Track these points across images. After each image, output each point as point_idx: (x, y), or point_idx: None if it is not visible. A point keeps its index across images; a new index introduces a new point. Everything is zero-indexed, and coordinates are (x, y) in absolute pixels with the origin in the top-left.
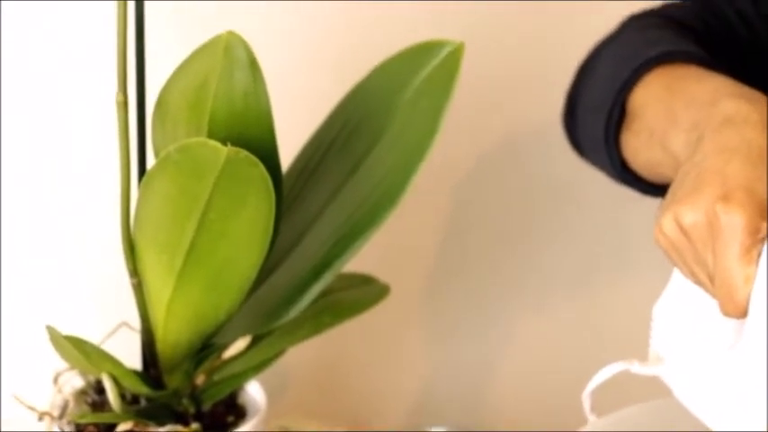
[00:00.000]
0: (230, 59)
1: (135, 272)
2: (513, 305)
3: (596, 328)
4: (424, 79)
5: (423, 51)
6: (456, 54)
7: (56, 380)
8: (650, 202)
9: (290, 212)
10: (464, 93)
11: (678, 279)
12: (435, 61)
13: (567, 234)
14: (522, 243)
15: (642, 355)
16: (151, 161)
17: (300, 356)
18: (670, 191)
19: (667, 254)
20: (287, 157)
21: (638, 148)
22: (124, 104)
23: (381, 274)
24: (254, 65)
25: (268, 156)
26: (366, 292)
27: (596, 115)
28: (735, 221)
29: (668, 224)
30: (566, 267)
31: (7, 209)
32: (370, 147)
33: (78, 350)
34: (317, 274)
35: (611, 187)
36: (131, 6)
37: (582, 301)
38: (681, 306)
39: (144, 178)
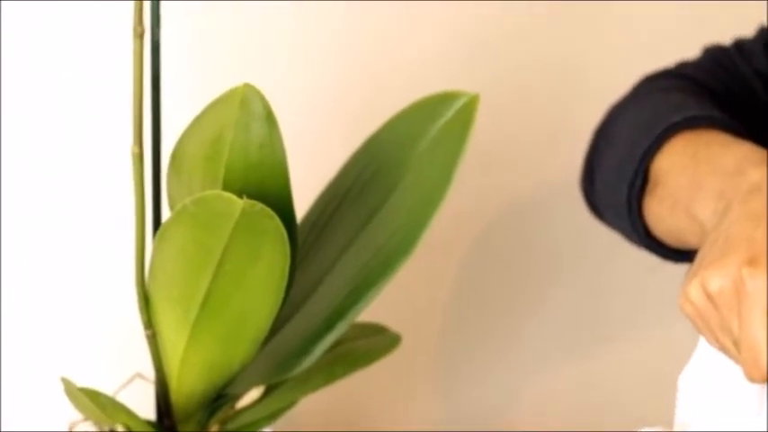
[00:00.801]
0: (247, 112)
1: (149, 323)
2: (521, 358)
3: (601, 385)
4: (438, 130)
5: (437, 102)
6: (471, 105)
7: (71, 430)
8: (669, 268)
9: (305, 262)
10: (475, 147)
11: (704, 347)
12: (450, 112)
13: (573, 290)
14: (529, 298)
15: (654, 414)
16: (166, 213)
17: (313, 406)
18: (697, 259)
19: (693, 321)
20: (301, 207)
21: (662, 215)
22: (140, 156)
23: (393, 324)
24: (270, 117)
25: (283, 207)
26: (378, 341)
27: (618, 182)
28: (761, 285)
29: (694, 291)
30: (572, 323)
31: (23, 258)
32: (385, 197)
33: (93, 402)
34: (330, 324)
35: (618, 247)
36: (147, 58)
37: (592, 356)
38: (707, 374)
39: (159, 230)
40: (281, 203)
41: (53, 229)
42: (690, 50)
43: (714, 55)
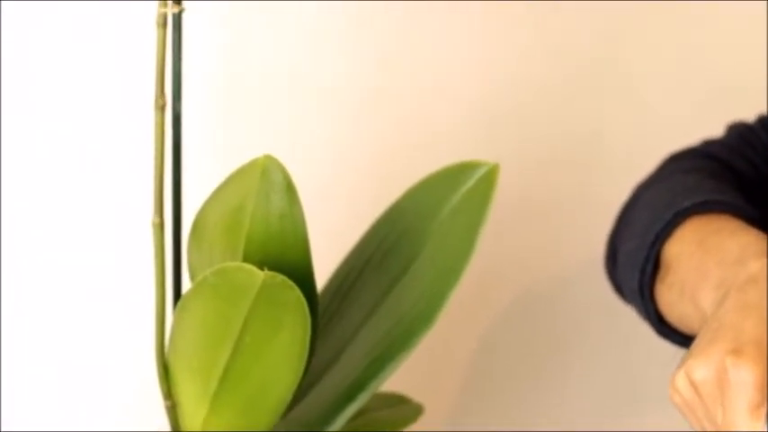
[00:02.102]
0: (267, 182)
1: (169, 394)
2: (541, 427)
3: None
4: (459, 199)
5: (458, 172)
6: (491, 175)
7: None
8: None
9: (326, 331)
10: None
11: None
12: (471, 182)
13: (600, 363)
14: (554, 369)
15: None
16: (186, 283)
17: None
18: (690, 347)
19: (681, 411)
20: (323, 275)
21: (672, 301)
22: (160, 226)
23: (413, 392)
24: (290, 188)
25: (304, 278)
26: (400, 412)
27: (632, 267)
28: (744, 376)
29: (681, 381)
30: (598, 396)
31: (45, 325)
32: (406, 266)
33: None
34: (351, 394)
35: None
36: (168, 130)
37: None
38: None
39: (180, 301)
40: (301, 274)
41: (74, 298)
42: (712, 126)
43: (739, 132)
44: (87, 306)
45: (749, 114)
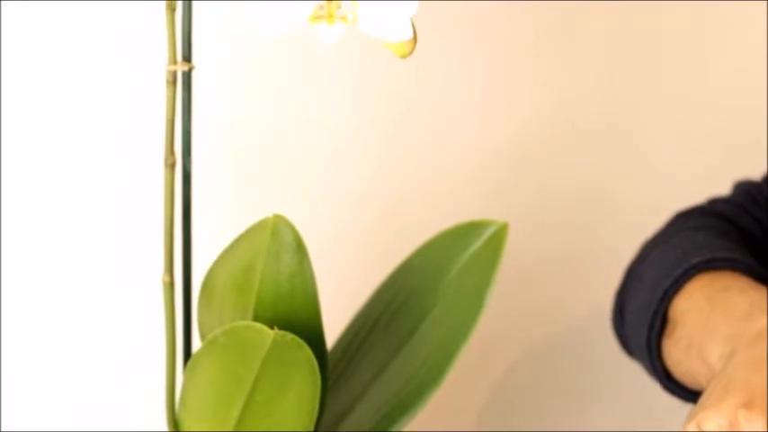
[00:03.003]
0: (277, 242)
1: None
2: None
3: None
4: (468, 259)
5: (467, 231)
6: (500, 234)
7: None
8: None
9: (336, 389)
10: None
11: None
12: (480, 241)
13: (610, 415)
14: (565, 422)
15: None
16: (196, 341)
17: None
18: (699, 401)
19: None
20: (333, 333)
21: (679, 357)
22: (171, 285)
23: None
24: (300, 248)
25: (314, 337)
26: None
27: (640, 323)
28: (757, 428)
29: None
30: None
31: (50, 384)
32: (416, 325)
33: None
34: None
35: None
36: (178, 187)
37: None
38: None
39: (190, 360)
40: (311, 333)
41: (83, 355)
42: (719, 185)
43: (745, 189)
44: (98, 366)
45: (755, 173)
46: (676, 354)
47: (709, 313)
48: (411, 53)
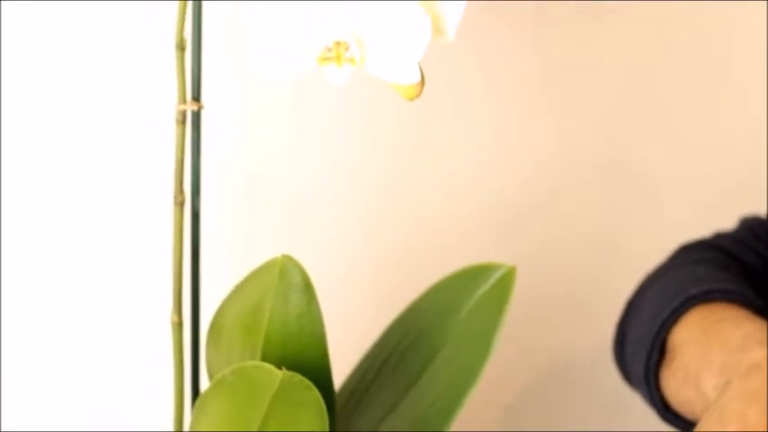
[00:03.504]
0: (285, 283)
1: None
2: None
3: None
4: (476, 301)
5: (475, 274)
6: (508, 277)
7: None
8: None
9: (344, 430)
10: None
11: None
12: (488, 284)
13: None
14: None
15: None
16: (204, 381)
17: None
18: (694, 431)
19: None
20: (341, 373)
21: (676, 387)
22: (179, 325)
23: None
24: (308, 288)
25: (321, 377)
26: None
27: (638, 354)
28: None
29: None
30: None
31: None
32: (424, 367)
33: None
34: None
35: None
36: (187, 227)
37: None
38: None
39: (198, 400)
40: (319, 373)
41: (92, 397)
42: (725, 221)
43: (750, 224)
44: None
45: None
46: (674, 384)
47: (705, 344)
48: (419, 96)
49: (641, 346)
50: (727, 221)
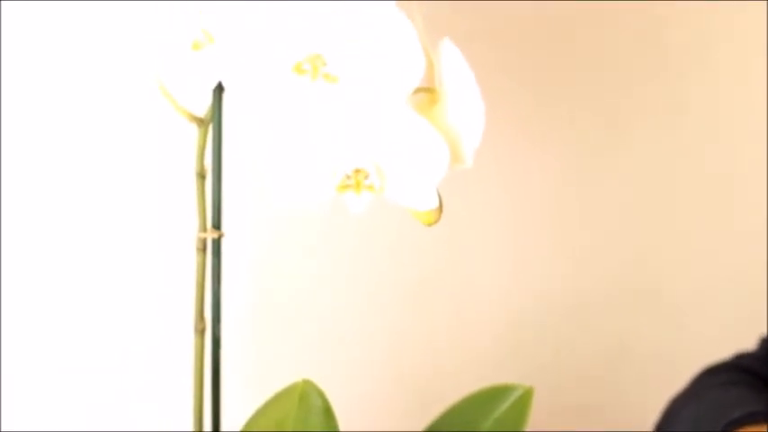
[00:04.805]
0: (306, 406)
1: None
2: None
3: None
4: (494, 421)
5: (493, 394)
6: (525, 398)
7: None
8: None
9: None
10: None
11: None
12: (505, 404)
13: None
14: None
15: None
16: None
17: None
18: None
19: None
20: None
21: None
22: None
23: None
24: (328, 411)
25: None
26: None
27: None
28: None
29: None
30: None
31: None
32: None
33: None
34: None
35: None
36: (208, 354)
37: None
38: None
39: None
40: None
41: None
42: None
43: None
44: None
45: None
46: None
47: None
48: (437, 221)
49: None
50: (745, 333)
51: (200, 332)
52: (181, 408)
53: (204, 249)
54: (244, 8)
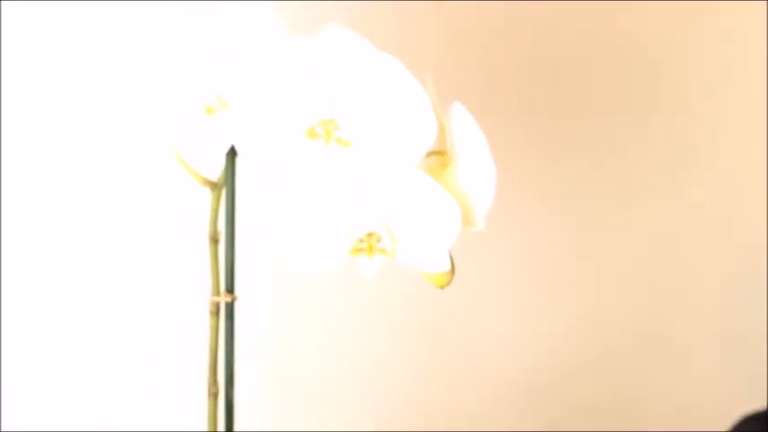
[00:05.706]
0: None
1: None
2: None
3: None
4: None
5: None
6: None
7: None
8: None
9: None
10: None
11: None
12: None
13: None
14: None
15: None
16: None
17: None
18: None
19: None
20: None
21: None
22: None
23: None
24: None
25: None
26: None
27: None
28: None
29: None
30: None
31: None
32: None
33: None
34: None
35: None
36: (221, 417)
37: None
38: None
39: None
40: None
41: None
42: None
43: None
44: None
45: None
46: None
47: None
48: (449, 284)
49: None
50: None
51: (214, 395)
52: None
53: (217, 313)
54: (257, 73)
